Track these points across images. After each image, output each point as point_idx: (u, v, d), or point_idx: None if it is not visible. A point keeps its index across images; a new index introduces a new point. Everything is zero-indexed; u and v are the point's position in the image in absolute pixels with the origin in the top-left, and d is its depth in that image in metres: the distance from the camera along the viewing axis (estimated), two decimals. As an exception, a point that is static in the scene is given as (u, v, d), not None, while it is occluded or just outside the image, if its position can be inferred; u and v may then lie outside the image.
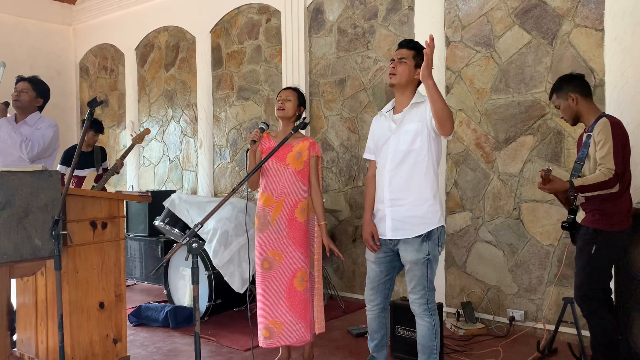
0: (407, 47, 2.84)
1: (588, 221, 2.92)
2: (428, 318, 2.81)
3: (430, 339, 2.81)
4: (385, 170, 2.83)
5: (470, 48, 4.23)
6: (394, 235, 2.82)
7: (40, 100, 3.84)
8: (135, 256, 5.89)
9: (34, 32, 7.49)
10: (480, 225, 4.21)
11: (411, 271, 2.79)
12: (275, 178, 3.23)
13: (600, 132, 2.81)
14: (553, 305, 3.84)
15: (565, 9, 3.81)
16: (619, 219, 2.87)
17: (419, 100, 2.82)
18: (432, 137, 2.76)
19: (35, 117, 3.77)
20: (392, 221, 2.81)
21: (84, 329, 3.09)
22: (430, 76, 2.54)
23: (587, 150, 2.90)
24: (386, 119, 2.92)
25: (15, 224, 2.63)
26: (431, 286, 2.80)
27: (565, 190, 2.87)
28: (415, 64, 2.80)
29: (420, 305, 2.80)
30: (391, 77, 2.82)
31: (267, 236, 3.22)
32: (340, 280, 5.07)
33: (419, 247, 2.75)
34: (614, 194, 2.82)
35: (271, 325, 3.21)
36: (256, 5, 5.70)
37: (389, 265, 2.92)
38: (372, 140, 3.00)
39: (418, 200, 2.77)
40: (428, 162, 2.77)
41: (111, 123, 7.37)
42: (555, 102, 3.06)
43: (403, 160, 2.78)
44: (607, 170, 2.75)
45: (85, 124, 2.87)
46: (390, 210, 2.81)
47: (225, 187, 6.04)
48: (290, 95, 3.31)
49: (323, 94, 5.16)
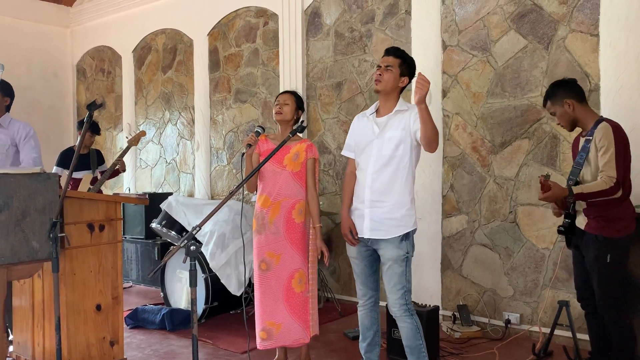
0: (394, 55, 2.95)
1: (593, 228, 2.87)
2: (409, 319, 2.87)
3: (416, 338, 2.87)
4: (368, 172, 2.91)
5: (466, 52, 4.26)
6: (371, 235, 2.90)
7: (6, 99, 3.78)
8: (131, 258, 5.88)
9: (31, 34, 7.49)
10: (476, 228, 4.23)
11: (391, 269, 2.86)
12: (272, 180, 3.25)
13: (602, 137, 2.79)
14: (548, 308, 3.86)
15: (560, 14, 3.84)
16: (625, 224, 2.85)
17: (403, 108, 2.91)
18: (414, 146, 2.88)
19: (7, 119, 3.73)
20: (370, 221, 2.89)
21: (80, 331, 3.09)
22: (424, 100, 2.62)
23: (585, 154, 2.88)
24: (369, 120, 3.00)
25: (13, 226, 2.63)
26: (409, 286, 2.88)
27: (565, 197, 2.87)
28: (400, 72, 2.91)
29: (400, 306, 2.86)
30: (377, 83, 2.93)
31: (265, 238, 3.23)
32: (336, 283, 5.08)
33: (398, 244, 2.84)
34: (617, 199, 2.80)
35: (269, 326, 3.21)
36: (254, 9, 5.72)
37: (371, 258, 3.00)
38: (353, 138, 3.08)
39: (397, 203, 2.86)
40: (409, 168, 2.88)
41: (108, 125, 7.36)
42: (551, 109, 3.03)
43: (386, 164, 2.87)
44: (608, 178, 2.74)
45: (84, 127, 2.88)
46: (369, 211, 2.89)
47: (222, 190, 6.05)
48: (288, 99, 3.34)
49: (320, 97, 5.17)
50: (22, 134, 3.70)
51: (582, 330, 3.36)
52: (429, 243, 4.41)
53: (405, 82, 2.93)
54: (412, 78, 2.95)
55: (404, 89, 2.99)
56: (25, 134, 3.69)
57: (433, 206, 4.41)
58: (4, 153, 3.71)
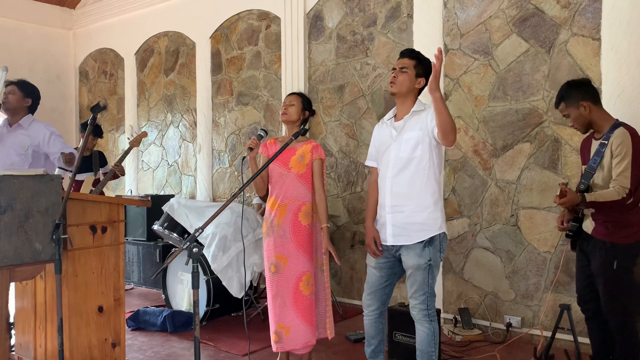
0: (408, 57, 2.87)
1: (601, 234, 2.85)
2: (427, 324, 2.81)
3: (429, 344, 2.82)
4: (387, 176, 2.85)
5: (468, 56, 4.27)
6: (394, 241, 2.83)
7: (28, 100, 3.80)
8: (133, 260, 5.89)
9: (34, 36, 7.51)
10: (478, 231, 4.23)
11: (412, 276, 2.80)
12: (279, 182, 3.26)
13: (620, 144, 2.74)
14: (550, 312, 3.86)
15: (562, 18, 3.85)
16: (634, 230, 2.83)
17: (420, 109, 2.84)
18: (434, 145, 2.78)
19: (28, 120, 3.75)
20: (392, 227, 2.83)
21: (82, 333, 3.09)
22: (438, 89, 2.54)
23: (599, 159, 2.83)
24: (387, 126, 2.94)
25: (16, 228, 2.64)
26: (432, 292, 2.81)
27: (577, 204, 2.83)
28: (416, 73, 2.83)
29: (420, 310, 2.81)
30: (392, 85, 2.85)
31: (274, 240, 3.25)
32: (338, 286, 5.08)
33: (420, 253, 2.76)
34: (627, 205, 2.78)
35: (279, 329, 3.22)
36: (256, 12, 5.74)
37: (390, 271, 2.93)
38: (374, 147, 3.02)
39: (418, 207, 2.78)
40: (429, 170, 2.78)
41: (110, 127, 7.38)
42: (564, 111, 2.94)
43: (404, 167, 2.80)
44: (621, 188, 2.72)
45: (87, 129, 2.89)
46: (390, 217, 2.83)
47: (224, 192, 6.05)
48: (294, 100, 3.35)
49: (322, 100, 5.18)
50: (45, 134, 3.71)
51: (584, 333, 3.35)
52: (431, 246, 4.41)
53: (421, 83, 2.83)
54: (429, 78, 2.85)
55: (422, 90, 2.87)
56: (49, 133, 3.71)
57: (434, 209, 4.41)
58: (23, 154, 3.71)
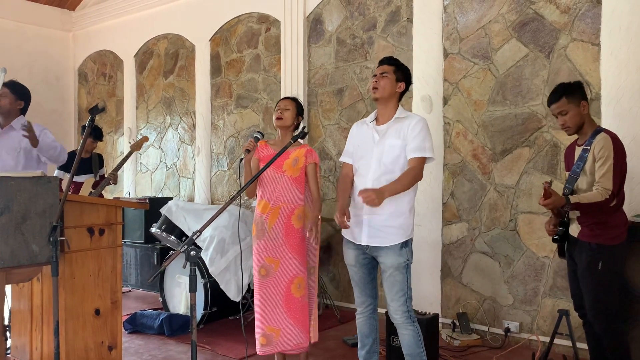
0: (387, 63, 2.99)
1: (587, 236, 2.88)
2: (410, 326, 2.86)
3: (417, 345, 2.86)
4: (368, 178, 2.89)
5: (468, 60, 4.27)
6: (369, 242, 2.89)
7: (21, 102, 3.81)
8: (130, 263, 5.87)
9: (34, 37, 7.51)
10: (477, 236, 4.22)
11: (392, 276, 2.85)
12: (271, 185, 3.25)
13: (602, 148, 2.79)
14: (548, 317, 3.85)
15: (562, 23, 3.85)
16: (619, 232, 2.86)
17: (403, 115, 2.93)
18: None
19: (20, 121, 3.75)
20: (368, 228, 2.88)
21: (79, 336, 3.07)
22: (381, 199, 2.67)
23: (582, 164, 2.89)
24: (369, 128, 3.00)
25: (13, 230, 2.63)
26: (410, 293, 2.87)
27: (562, 205, 2.88)
28: (396, 78, 2.94)
29: (402, 313, 2.85)
30: (374, 91, 2.94)
31: (264, 243, 3.23)
32: (336, 290, 5.07)
33: (399, 252, 2.84)
34: (611, 207, 2.82)
35: (268, 332, 3.21)
36: (256, 15, 5.74)
37: (369, 266, 3.00)
38: (352, 145, 3.08)
39: (395, 212, 2.85)
40: None
41: (109, 129, 7.37)
42: (564, 106, 2.91)
43: (386, 172, 2.86)
44: (604, 190, 2.75)
45: (85, 131, 2.88)
46: (368, 218, 2.88)
47: (222, 195, 6.04)
48: (289, 105, 3.35)
49: (321, 103, 5.18)
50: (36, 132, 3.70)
51: (582, 339, 3.34)
52: (429, 250, 4.41)
53: (402, 87, 2.96)
54: (409, 85, 3.02)
55: (403, 95, 3.02)
56: (39, 131, 3.71)
57: (433, 214, 4.40)
58: (16, 156, 3.71)
